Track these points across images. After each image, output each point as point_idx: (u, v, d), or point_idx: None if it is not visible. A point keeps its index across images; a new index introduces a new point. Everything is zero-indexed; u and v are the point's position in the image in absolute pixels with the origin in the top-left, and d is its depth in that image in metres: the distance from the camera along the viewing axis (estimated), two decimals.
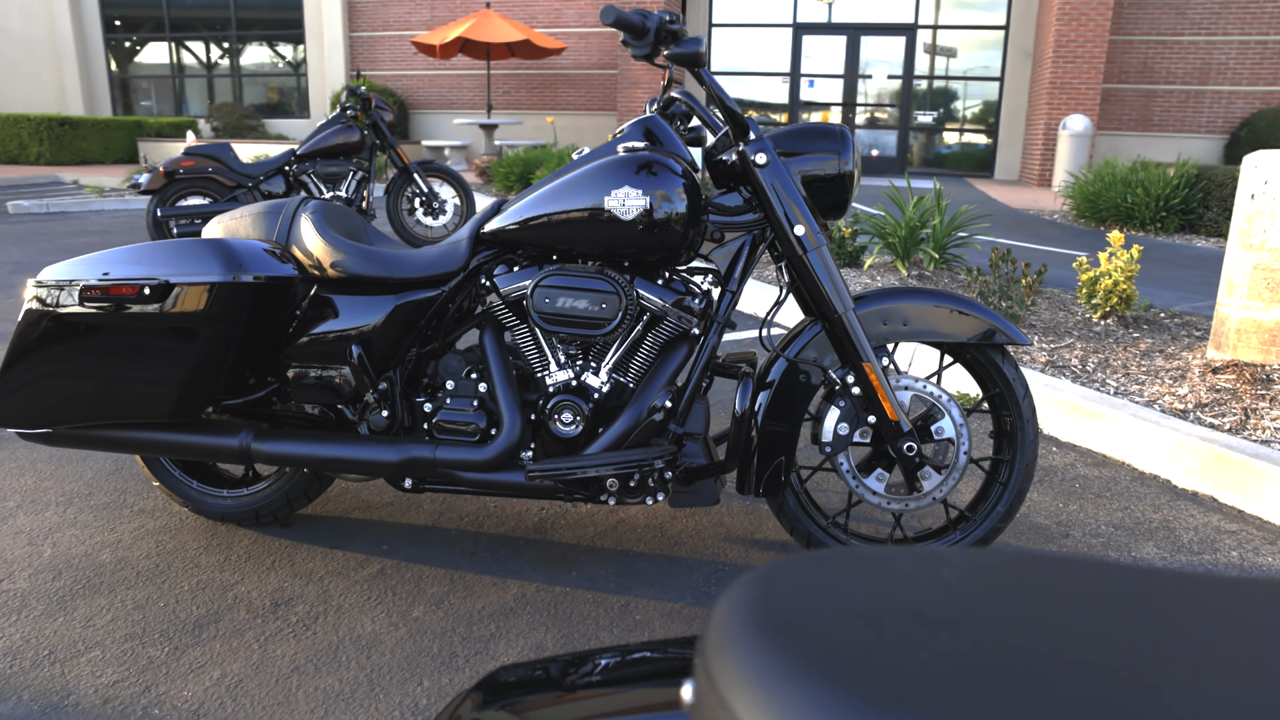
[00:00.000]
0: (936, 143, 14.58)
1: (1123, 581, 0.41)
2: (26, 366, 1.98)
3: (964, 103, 14.31)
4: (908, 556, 0.42)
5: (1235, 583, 0.40)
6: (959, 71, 14.23)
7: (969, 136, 14.45)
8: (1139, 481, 2.68)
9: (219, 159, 6.11)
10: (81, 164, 14.61)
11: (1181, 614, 0.36)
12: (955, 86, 14.27)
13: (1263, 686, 0.29)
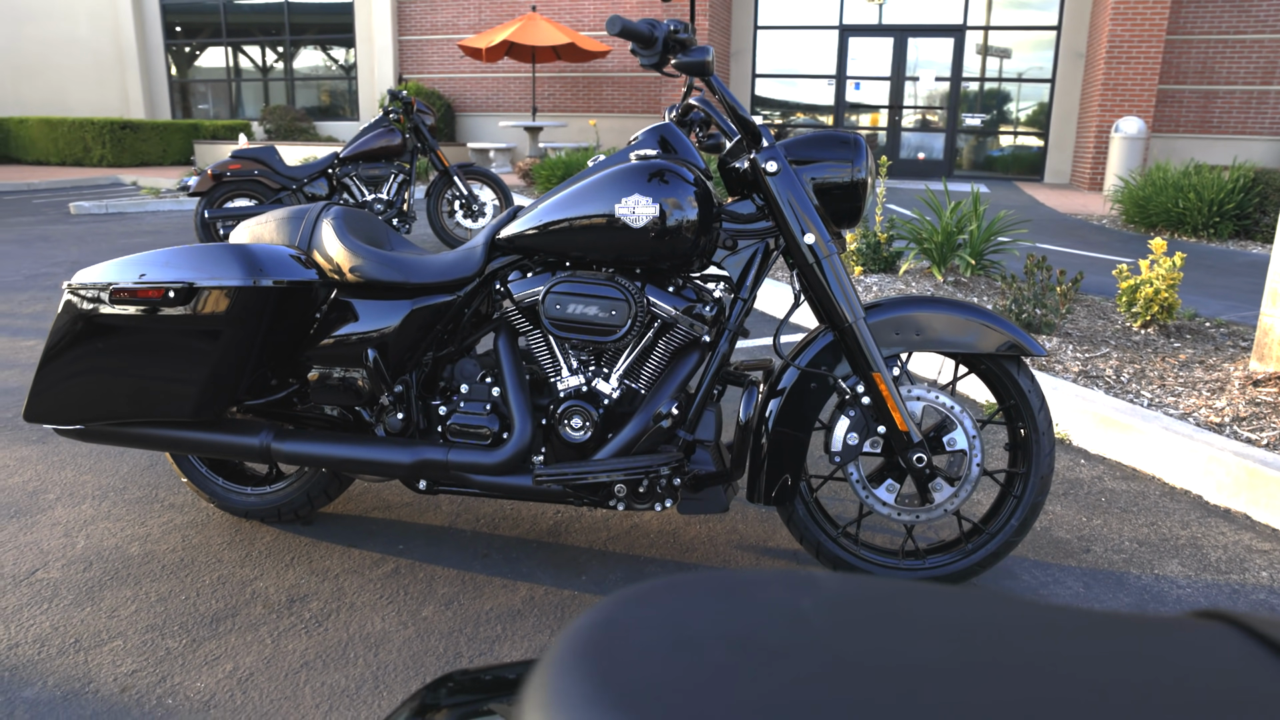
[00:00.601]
0: (985, 146, 14.34)
1: (993, 615, 0.41)
2: (60, 365, 2.06)
3: (1013, 105, 14.06)
4: (773, 582, 0.43)
5: (1108, 620, 0.40)
6: (1009, 73, 13.98)
7: (1018, 139, 14.19)
8: (1169, 497, 2.61)
9: (264, 162, 6.26)
10: (141, 166, 15.06)
11: (1034, 654, 0.36)
12: (1005, 88, 14.03)
13: None
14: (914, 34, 14.08)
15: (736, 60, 15.17)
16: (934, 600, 0.41)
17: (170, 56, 17.94)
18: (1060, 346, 3.65)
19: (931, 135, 14.36)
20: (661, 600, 0.39)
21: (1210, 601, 2.03)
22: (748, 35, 15.01)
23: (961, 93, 14.17)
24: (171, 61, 17.98)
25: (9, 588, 2.07)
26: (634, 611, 0.38)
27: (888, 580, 0.44)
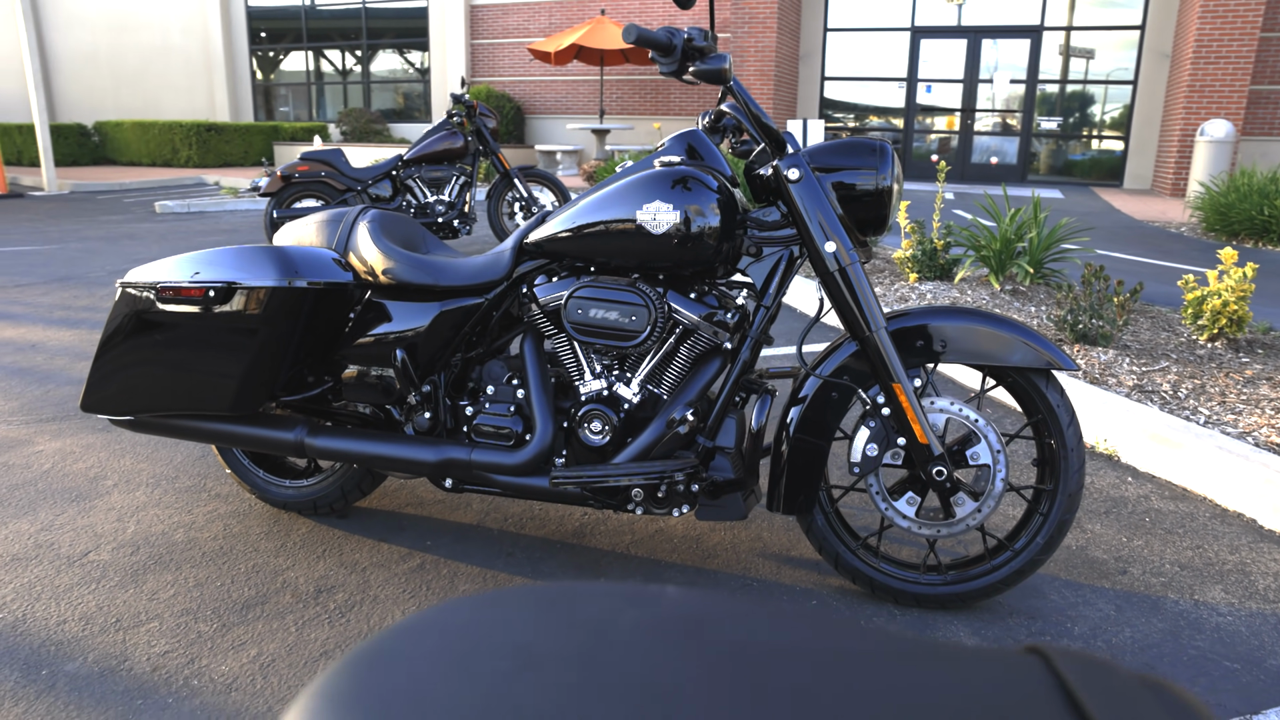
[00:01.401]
0: (1062, 150, 13.90)
1: (806, 639, 0.42)
2: (112, 358, 2.17)
3: (1092, 108, 13.60)
4: (591, 596, 0.43)
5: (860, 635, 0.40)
6: (1089, 75, 13.53)
7: (1097, 143, 13.72)
8: (1219, 519, 2.50)
9: (331, 164, 6.45)
10: (224, 166, 15.67)
11: (814, 679, 0.36)
12: (1083, 90, 13.58)
13: None
14: (989, 35, 13.74)
15: (805, 63, 15.03)
16: (755, 622, 0.42)
17: (254, 61, 18.62)
18: (1116, 359, 3.53)
19: (1005, 139, 13.99)
20: (451, 620, 0.40)
21: (1252, 631, 1.95)
22: (817, 38, 14.85)
23: (1037, 95, 13.77)
24: (256, 66, 18.66)
25: (64, 568, 2.19)
26: (410, 631, 0.39)
27: (731, 601, 0.45)
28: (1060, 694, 0.36)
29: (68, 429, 3.14)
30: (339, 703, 0.33)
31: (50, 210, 10.03)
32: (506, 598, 0.44)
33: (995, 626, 1.95)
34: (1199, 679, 1.77)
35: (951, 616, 2.00)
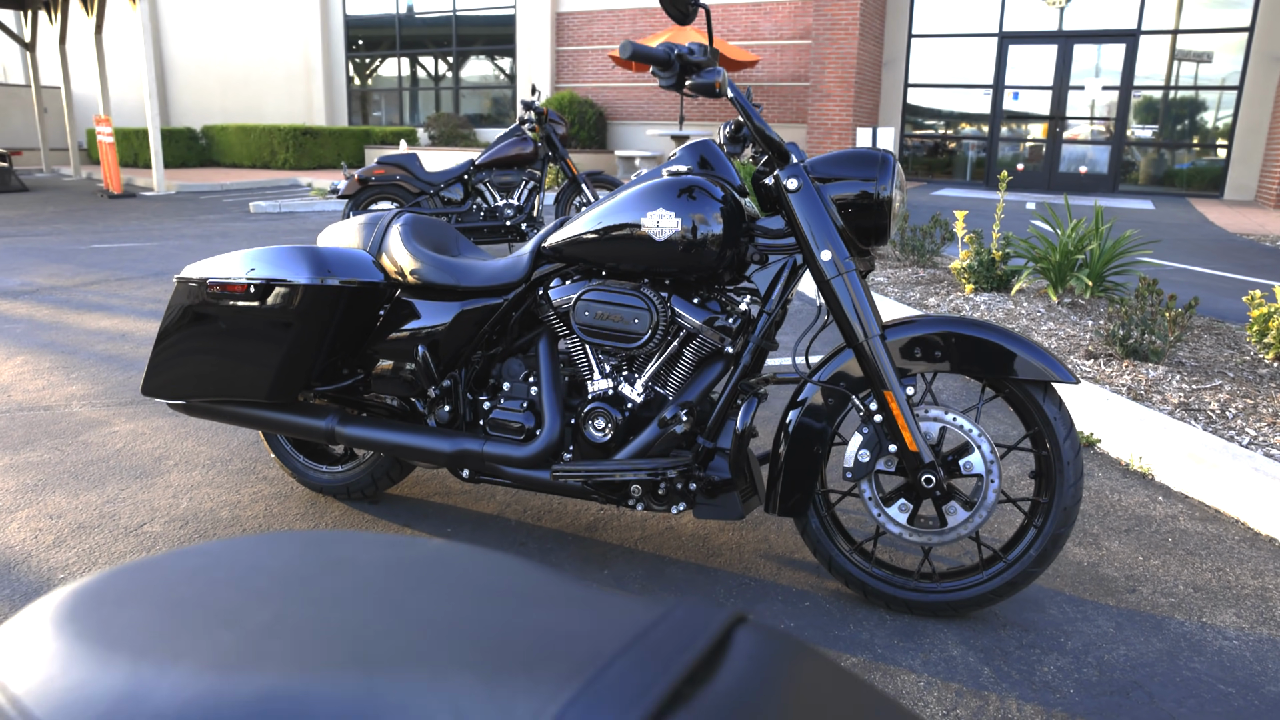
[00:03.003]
0: (1158, 159, 13.34)
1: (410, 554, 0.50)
2: (167, 347, 2.37)
3: (1192, 115, 13.01)
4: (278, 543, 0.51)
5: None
6: (1189, 81, 12.95)
7: (1196, 152, 13.11)
8: (1248, 543, 2.43)
9: (406, 168, 6.72)
10: (318, 169, 16.37)
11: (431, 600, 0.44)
12: (1183, 97, 13.00)
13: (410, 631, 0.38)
14: (1080, 40, 13.30)
15: (889, 69, 14.81)
16: (481, 565, 0.50)
17: (350, 67, 19.38)
18: (1166, 376, 3.43)
19: (1095, 148, 13.50)
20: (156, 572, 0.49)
21: (1257, 657, 1.90)
22: (901, 43, 14.63)
23: (1131, 102, 13.24)
24: (352, 72, 19.43)
25: (120, 537, 2.39)
26: (122, 574, 0.48)
27: (419, 543, 0.53)
28: (704, 650, 0.43)
29: (141, 413, 3.40)
30: (77, 614, 0.42)
31: (156, 209, 10.69)
32: (278, 539, 0.53)
33: (986, 637, 1.96)
34: (1186, 700, 1.75)
35: (943, 625, 2.01)
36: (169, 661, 0.35)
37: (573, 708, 0.32)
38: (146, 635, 0.38)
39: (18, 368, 3.97)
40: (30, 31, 15.54)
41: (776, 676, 0.42)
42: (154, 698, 0.33)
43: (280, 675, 0.34)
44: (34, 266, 6.60)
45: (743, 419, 1.98)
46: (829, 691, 0.45)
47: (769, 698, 0.40)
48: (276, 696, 0.33)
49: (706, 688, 0.36)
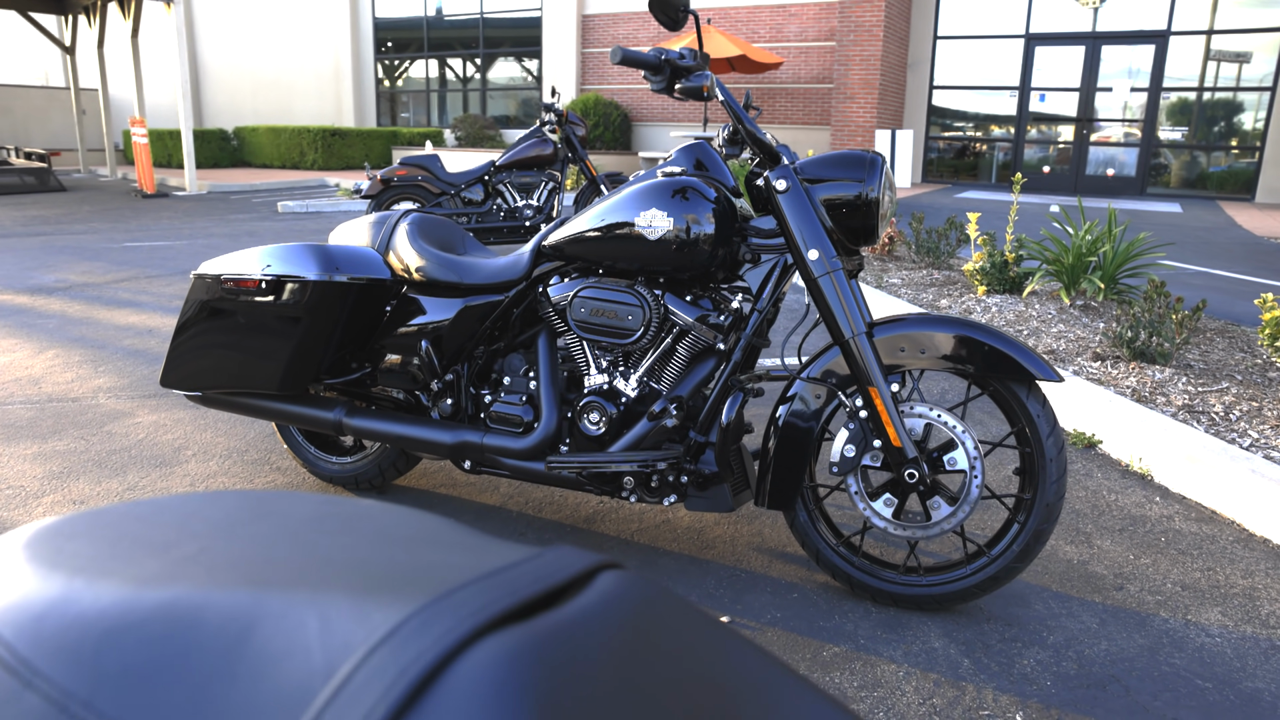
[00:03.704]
0: (1185, 161, 13.17)
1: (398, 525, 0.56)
2: (184, 340, 2.46)
3: (1222, 117, 12.83)
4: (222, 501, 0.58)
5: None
6: (1220, 82, 12.77)
7: (1226, 155, 12.93)
8: (1242, 543, 2.44)
9: (428, 168, 6.83)
10: (346, 169, 16.60)
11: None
12: (1214, 98, 12.83)
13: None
14: (1108, 41, 13.17)
15: (914, 71, 14.76)
16: (378, 518, 0.56)
17: (379, 69, 19.63)
18: (1172, 378, 3.43)
19: (1123, 150, 13.35)
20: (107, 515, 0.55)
21: (1237, 654, 1.92)
22: (927, 45, 14.56)
23: (1160, 104, 13.09)
24: (380, 73, 19.67)
25: None
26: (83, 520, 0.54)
27: (348, 500, 0.59)
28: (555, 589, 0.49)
29: (164, 405, 3.51)
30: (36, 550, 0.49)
31: (187, 209, 10.91)
32: (225, 495, 0.60)
33: (969, 630, 2.00)
34: (1162, 694, 1.77)
35: (927, 618, 2.05)
36: (98, 578, 0.42)
37: (418, 615, 0.38)
38: (85, 560, 0.44)
39: (49, 361, 4.11)
40: (70, 35, 15.91)
41: (626, 611, 0.47)
42: (79, 603, 0.40)
43: (186, 590, 0.41)
44: (68, 264, 6.79)
45: (727, 414, 2.04)
46: (686, 633, 0.50)
47: (613, 627, 0.46)
48: (178, 604, 0.39)
49: (550, 612, 0.42)
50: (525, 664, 0.38)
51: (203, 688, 0.37)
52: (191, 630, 0.39)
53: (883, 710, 1.72)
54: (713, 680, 0.52)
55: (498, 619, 0.40)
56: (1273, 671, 1.86)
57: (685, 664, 0.50)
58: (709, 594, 2.13)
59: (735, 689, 0.52)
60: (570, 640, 0.42)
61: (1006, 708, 1.73)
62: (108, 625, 0.40)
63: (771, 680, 0.55)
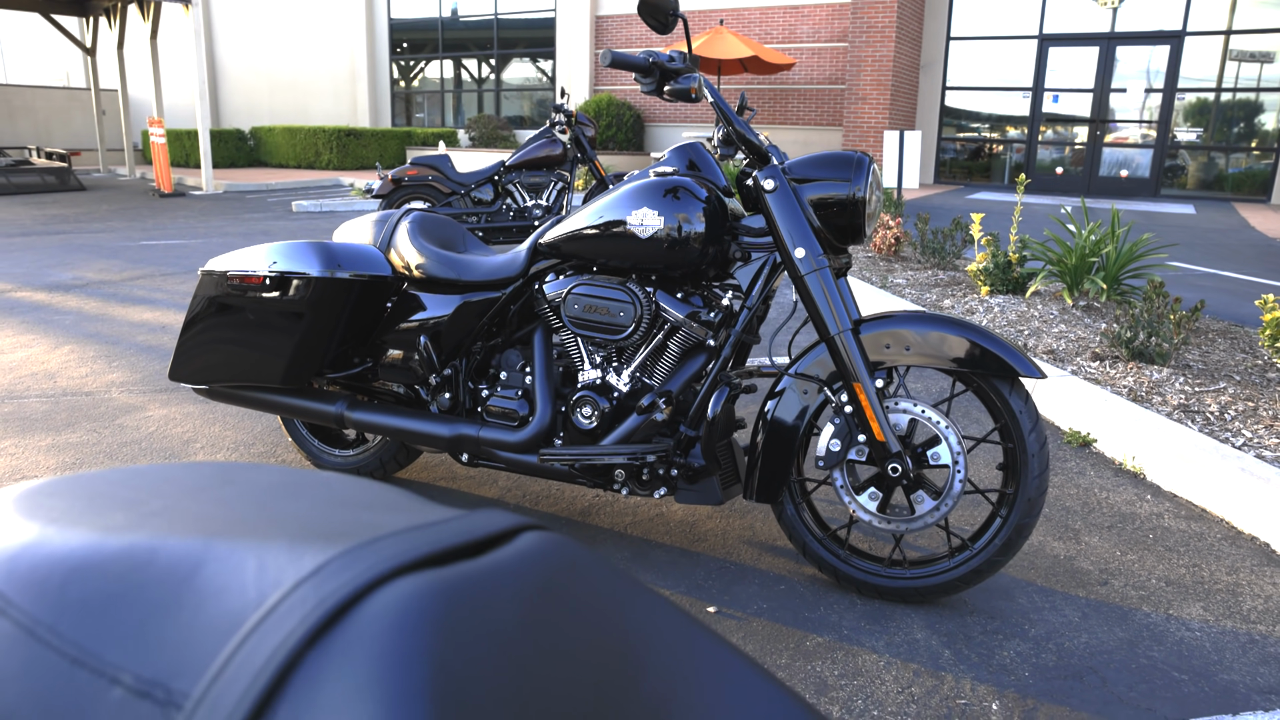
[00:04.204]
0: (1200, 163, 13.09)
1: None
2: (192, 334, 2.53)
3: (1238, 118, 12.74)
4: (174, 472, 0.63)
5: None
6: (1235, 83, 12.69)
7: (1242, 156, 12.84)
8: (1230, 541, 2.46)
9: (438, 168, 6.90)
10: (360, 169, 16.73)
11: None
12: (1229, 99, 12.75)
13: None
14: (1122, 42, 13.10)
15: (926, 73, 14.73)
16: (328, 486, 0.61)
17: (394, 70, 19.77)
18: (1170, 378, 3.45)
19: (1137, 151, 13.28)
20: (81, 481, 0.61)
21: (1215, 648, 1.95)
22: (940, 46, 14.54)
23: (1175, 105, 13.02)
24: (396, 74, 19.81)
25: None
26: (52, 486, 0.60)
27: (311, 473, 0.64)
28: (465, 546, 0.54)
29: (174, 399, 3.59)
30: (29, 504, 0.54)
31: (203, 208, 11.05)
32: (201, 465, 0.65)
33: (952, 622, 2.04)
34: (1138, 685, 1.81)
35: (911, 611, 2.09)
36: (68, 526, 0.47)
37: (342, 556, 0.43)
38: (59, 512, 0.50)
39: (65, 356, 4.20)
40: (91, 37, 16.13)
41: (541, 568, 0.52)
42: (49, 545, 0.45)
43: (145, 537, 0.46)
44: (86, 261, 6.91)
45: (713, 408, 2.08)
46: (603, 594, 0.55)
47: (525, 581, 0.51)
48: (136, 547, 0.45)
49: (465, 562, 0.48)
50: (432, 603, 0.44)
51: (151, 615, 0.43)
52: (146, 568, 0.45)
53: (861, 698, 1.76)
54: (626, 640, 0.57)
55: (414, 563, 0.45)
56: (1248, 665, 1.88)
57: (597, 622, 0.55)
58: (698, 585, 2.18)
59: (649, 650, 0.57)
60: (480, 587, 0.47)
61: (983, 697, 1.77)
62: (73, 564, 0.45)
63: (691, 643, 0.60)
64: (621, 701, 0.52)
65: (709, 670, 0.59)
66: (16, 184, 12.68)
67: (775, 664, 1.86)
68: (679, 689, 0.56)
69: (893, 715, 1.71)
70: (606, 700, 0.52)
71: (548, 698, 0.48)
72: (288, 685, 0.39)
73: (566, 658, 0.51)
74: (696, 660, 0.60)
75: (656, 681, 0.55)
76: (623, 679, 0.54)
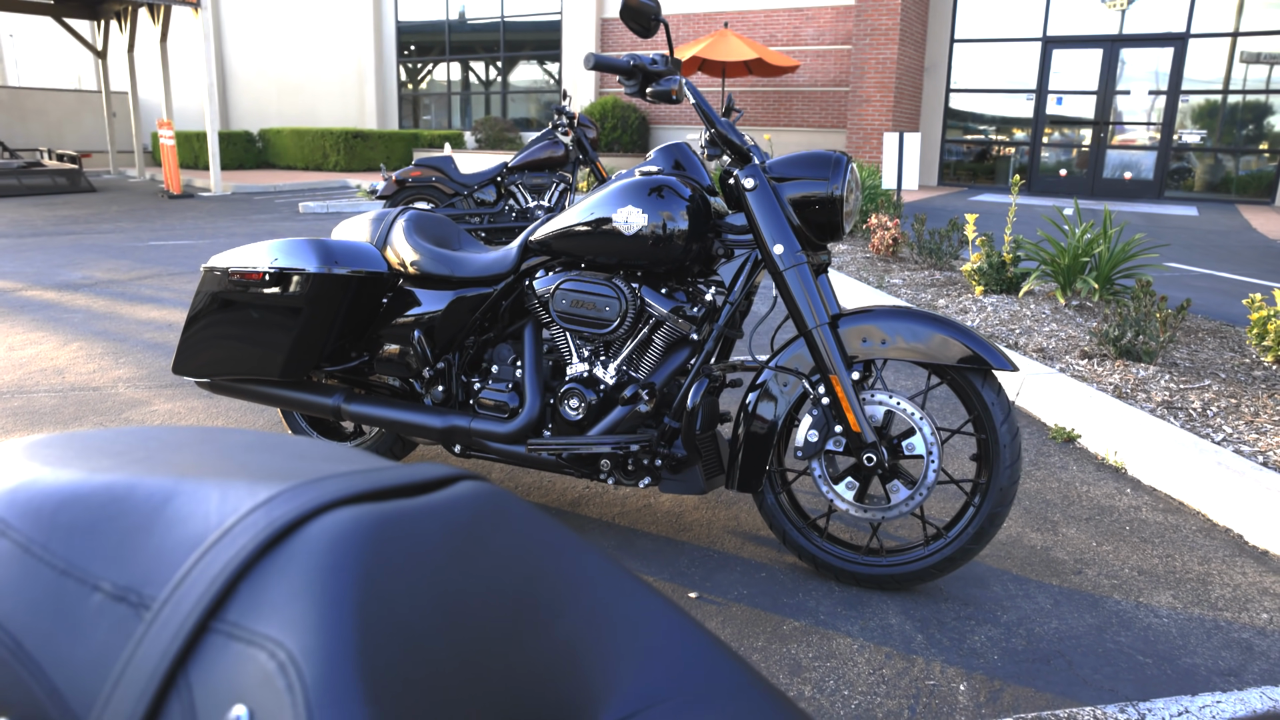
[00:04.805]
0: (1204, 165, 13.10)
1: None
2: (195, 329, 2.61)
3: (1242, 120, 12.75)
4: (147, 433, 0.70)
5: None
6: (1239, 85, 12.70)
7: (1246, 158, 12.84)
8: (1204, 533, 2.52)
9: (441, 170, 6.99)
10: (367, 171, 16.85)
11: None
12: (1233, 102, 12.75)
13: None
14: (1126, 44, 13.13)
15: (930, 75, 14.77)
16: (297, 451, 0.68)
17: (402, 72, 19.90)
18: (1155, 376, 3.50)
19: (1140, 154, 13.30)
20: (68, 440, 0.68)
21: (1181, 633, 2.01)
22: (943, 49, 14.58)
23: (1179, 107, 13.03)
24: (403, 77, 19.94)
25: None
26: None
27: (284, 436, 0.71)
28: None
29: (179, 394, 3.68)
30: None
31: (212, 209, 11.17)
32: (191, 428, 0.72)
33: (926, 609, 2.10)
34: (1103, 668, 1.86)
35: (887, 597, 2.15)
36: (62, 466, 0.55)
37: (290, 490, 0.50)
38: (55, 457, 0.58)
39: (73, 353, 4.30)
40: (102, 40, 16.29)
41: (471, 510, 0.59)
42: (44, 481, 0.53)
43: (126, 475, 0.54)
44: (95, 261, 7.02)
45: (692, 399, 2.15)
46: (532, 538, 0.62)
47: (453, 520, 0.58)
48: (118, 482, 0.52)
49: (401, 500, 0.55)
50: (365, 529, 0.51)
51: (128, 536, 0.50)
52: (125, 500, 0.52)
53: (833, 679, 1.83)
54: (549, 582, 0.64)
55: (354, 497, 0.52)
56: (1212, 650, 1.94)
57: (523, 563, 0.62)
58: (681, 572, 2.24)
59: (572, 593, 0.64)
60: (410, 520, 0.54)
61: (952, 678, 1.83)
62: (63, 495, 0.53)
63: (617, 591, 0.67)
64: (537, 635, 0.60)
65: (631, 616, 0.66)
66: (28, 185, 12.83)
67: (752, 647, 1.93)
68: (597, 631, 0.63)
69: (863, 695, 1.78)
70: (523, 633, 0.59)
71: (467, 623, 0.55)
72: (239, 589, 0.47)
73: (489, 590, 0.58)
74: (620, 607, 0.67)
75: (575, 620, 0.62)
76: (541, 616, 0.61)
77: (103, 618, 0.48)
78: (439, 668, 0.52)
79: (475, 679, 0.55)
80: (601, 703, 0.61)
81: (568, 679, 0.60)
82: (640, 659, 0.64)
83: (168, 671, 0.45)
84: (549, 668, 0.60)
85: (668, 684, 0.63)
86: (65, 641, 0.48)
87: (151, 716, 0.45)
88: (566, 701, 0.60)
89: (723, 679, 0.64)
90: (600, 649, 0.63)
